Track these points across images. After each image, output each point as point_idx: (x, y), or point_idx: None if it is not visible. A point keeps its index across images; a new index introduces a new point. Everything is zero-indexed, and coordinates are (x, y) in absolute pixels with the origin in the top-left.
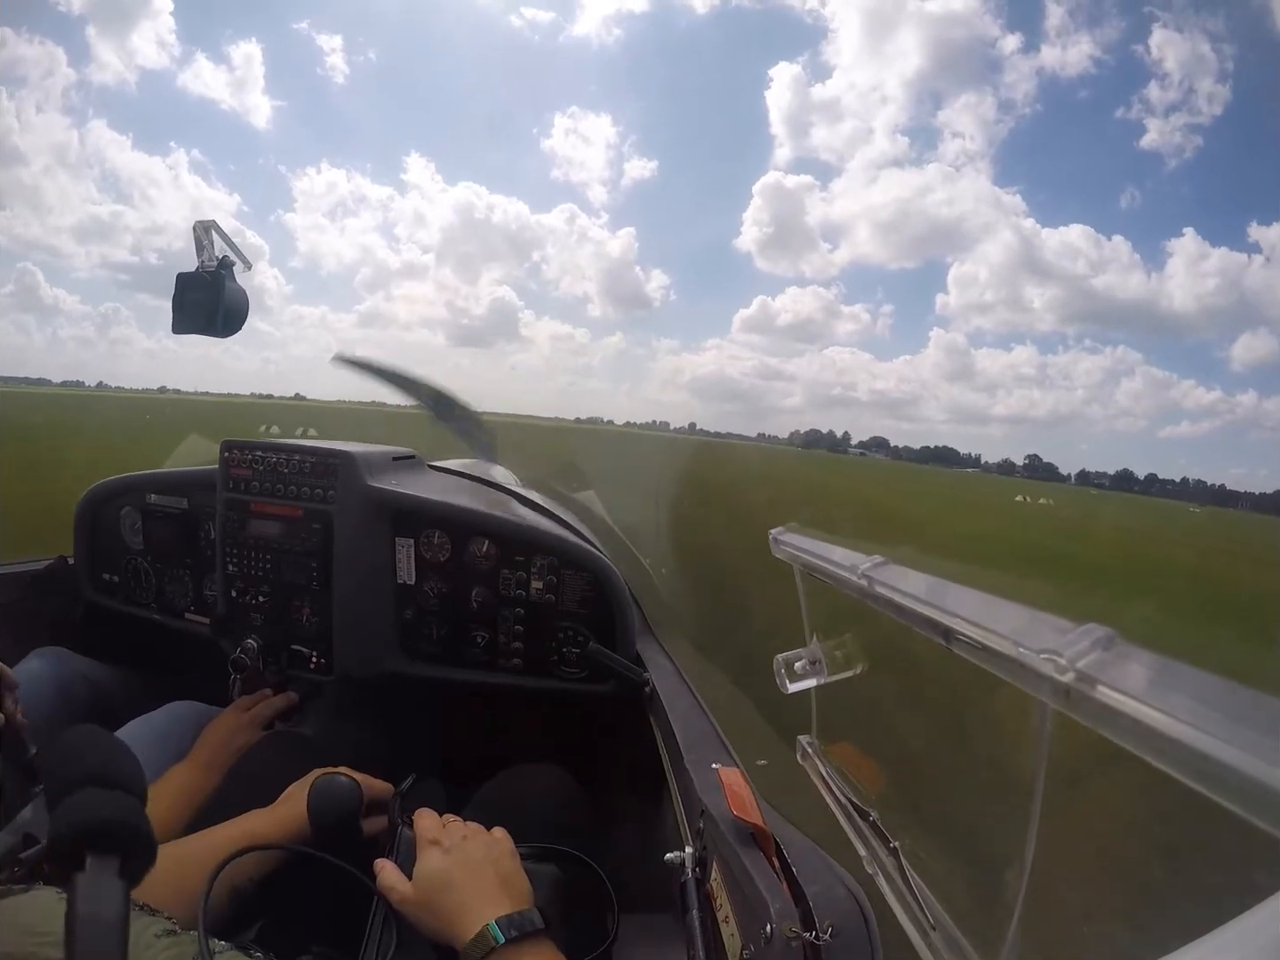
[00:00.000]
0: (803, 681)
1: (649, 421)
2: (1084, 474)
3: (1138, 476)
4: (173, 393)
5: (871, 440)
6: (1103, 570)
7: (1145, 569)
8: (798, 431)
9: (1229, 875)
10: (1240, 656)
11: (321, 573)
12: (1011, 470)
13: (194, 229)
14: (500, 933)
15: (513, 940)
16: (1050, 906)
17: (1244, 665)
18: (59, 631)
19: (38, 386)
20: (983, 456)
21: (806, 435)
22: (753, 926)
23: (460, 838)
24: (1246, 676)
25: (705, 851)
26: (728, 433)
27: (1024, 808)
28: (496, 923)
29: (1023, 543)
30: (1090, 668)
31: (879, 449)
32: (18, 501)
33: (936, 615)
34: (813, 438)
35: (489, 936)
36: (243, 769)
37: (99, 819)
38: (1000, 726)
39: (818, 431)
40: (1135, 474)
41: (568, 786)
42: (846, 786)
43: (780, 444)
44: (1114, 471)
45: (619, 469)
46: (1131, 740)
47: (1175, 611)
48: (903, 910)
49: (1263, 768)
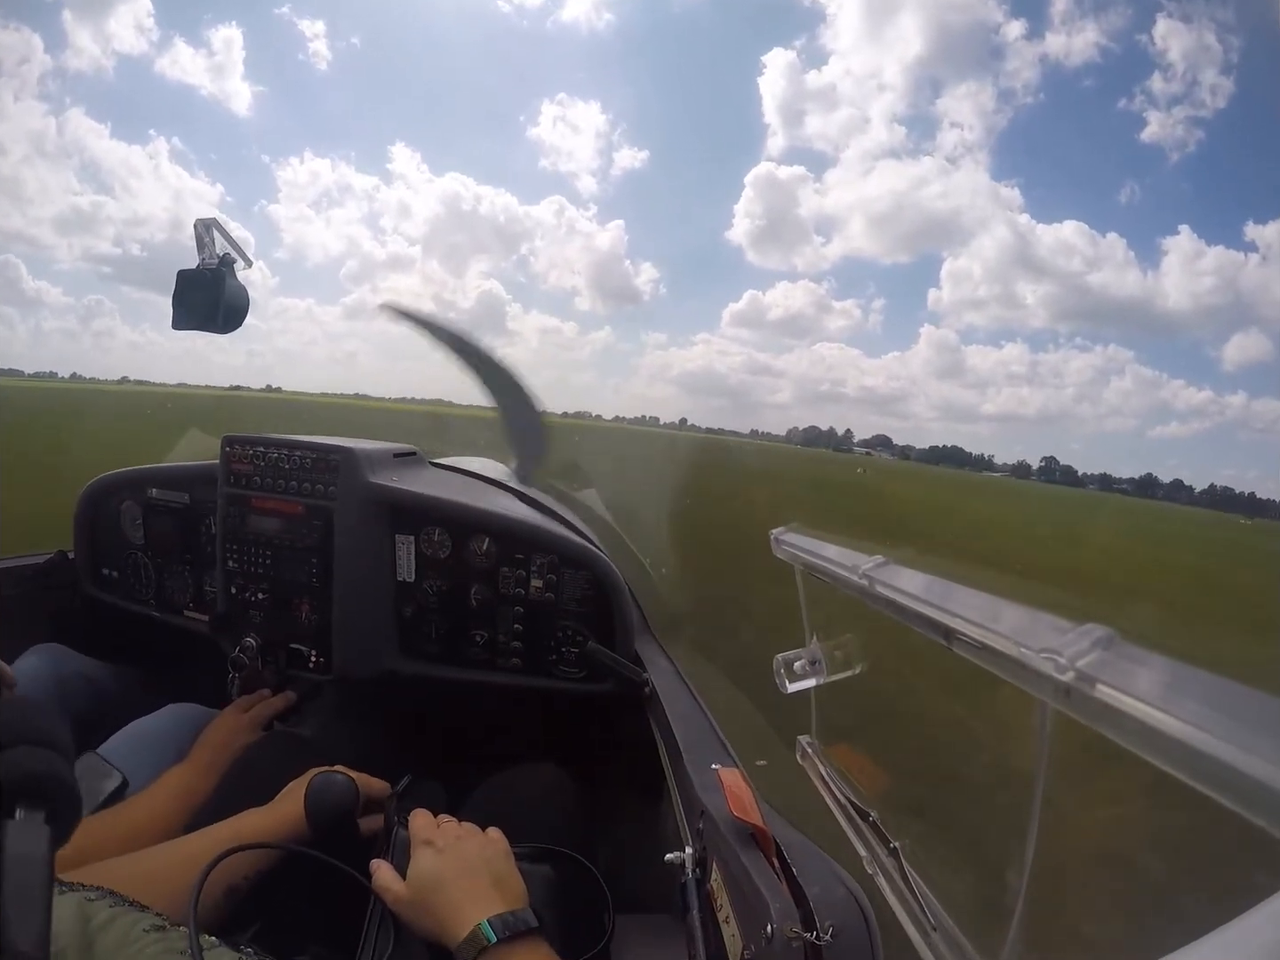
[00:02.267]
0: (802, 681)
1: (638, 417)
2: (1106, 478)
3: (1161, 481)
4: (134, 383)
5: (875, 438)
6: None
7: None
8: (796, 428)
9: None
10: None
11: (321, 569)
12: (1028, 473)
13: (195, 226)
14: (492, 932)
15: (505, 939)
16: (1051, 906)
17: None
18: (57, 626)
19: (9, 378)
20: (995, 457)
21: (806, 432)
22: (753, 927)
23: (454, 838)
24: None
25: (705, 852)
26: (719, 428)
27: (1024, 807)
28: (489, 922)
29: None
30: (1090, 667)
31: (883, 447)
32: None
33: (937, 615)
34: (812, 435)
35: (481, 936)
36: (242, 769)
37: (28, 772)
38: (1000, 726)
39: (817, 429)
40: (1159, 478)
41: (566, 787)
42: (846, 787)
43: (777, 441)
44: (1137, 476)
45: (637, 473)
46: (1132, 740)
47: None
48: (903, 910)
49: (1263, 768)
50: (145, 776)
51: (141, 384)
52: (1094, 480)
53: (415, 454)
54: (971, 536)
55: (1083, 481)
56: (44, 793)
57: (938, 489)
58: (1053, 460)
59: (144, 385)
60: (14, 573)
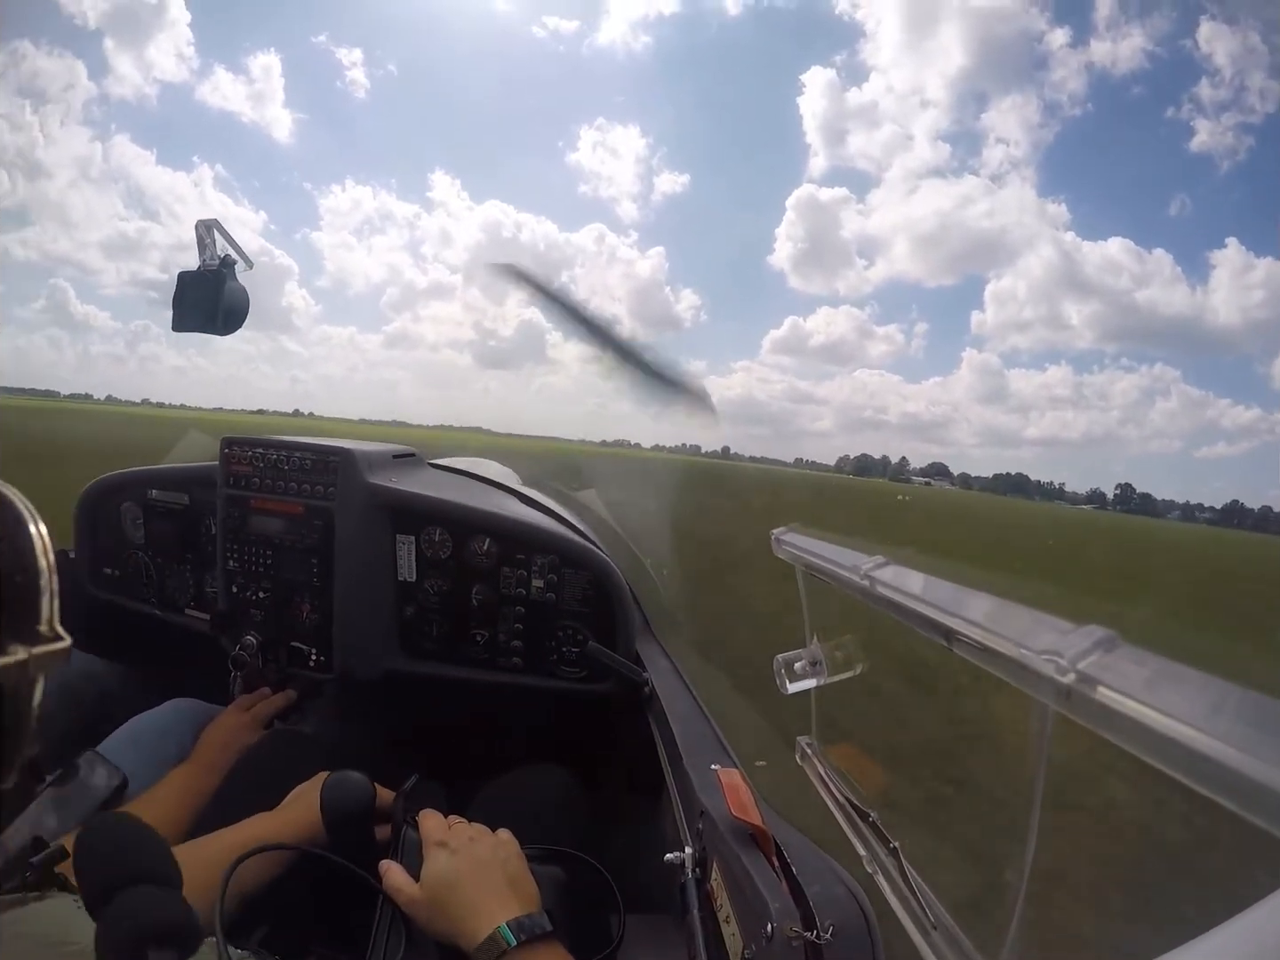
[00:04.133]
0: (802, 682)
1: (679, 445)
2: (1188, 507)
3: (1249, 508)
4: (153, 405)
5: (931, 466)
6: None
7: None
8: (847, 457)
9: (1229, 875)
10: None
11: (322, 569)
12: (1104, 502)
13: (196, 227)
14: (511, 935)
15: (523, 943)
16: (1051, 906)
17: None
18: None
19: (46, 399)
20: (1066, 485)
21: (857, 461)
22: (754, 926)
23: (467, 839)
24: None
25: (705, 852)
26: (762, 457)
27: (1024, 808)
28: (507, 925)
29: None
30: (1091, 669)
31: (941, 476)
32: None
33: (938, 616)
34: (865, 464)
35: (500, 939)
36: (244, 769)
37: (154, 920)
38: (1001, 727)
39: (869, 457)
40: (1245, 505)
41: (568, 788)
42: (846, 787)
43: (826, 470)
44: (1220, 505)
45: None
46: (1132, 742)
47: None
48: (903, 910)
49: (1263, 768)
50: (146, 772)
51: (161, 406)
52: (1175, 509)
53: (414, 455)
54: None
55: (1162, 510)
56: (172, 937)
57: (1018, 531)
58: (1128, 488)
59: (163, 408)
60: None
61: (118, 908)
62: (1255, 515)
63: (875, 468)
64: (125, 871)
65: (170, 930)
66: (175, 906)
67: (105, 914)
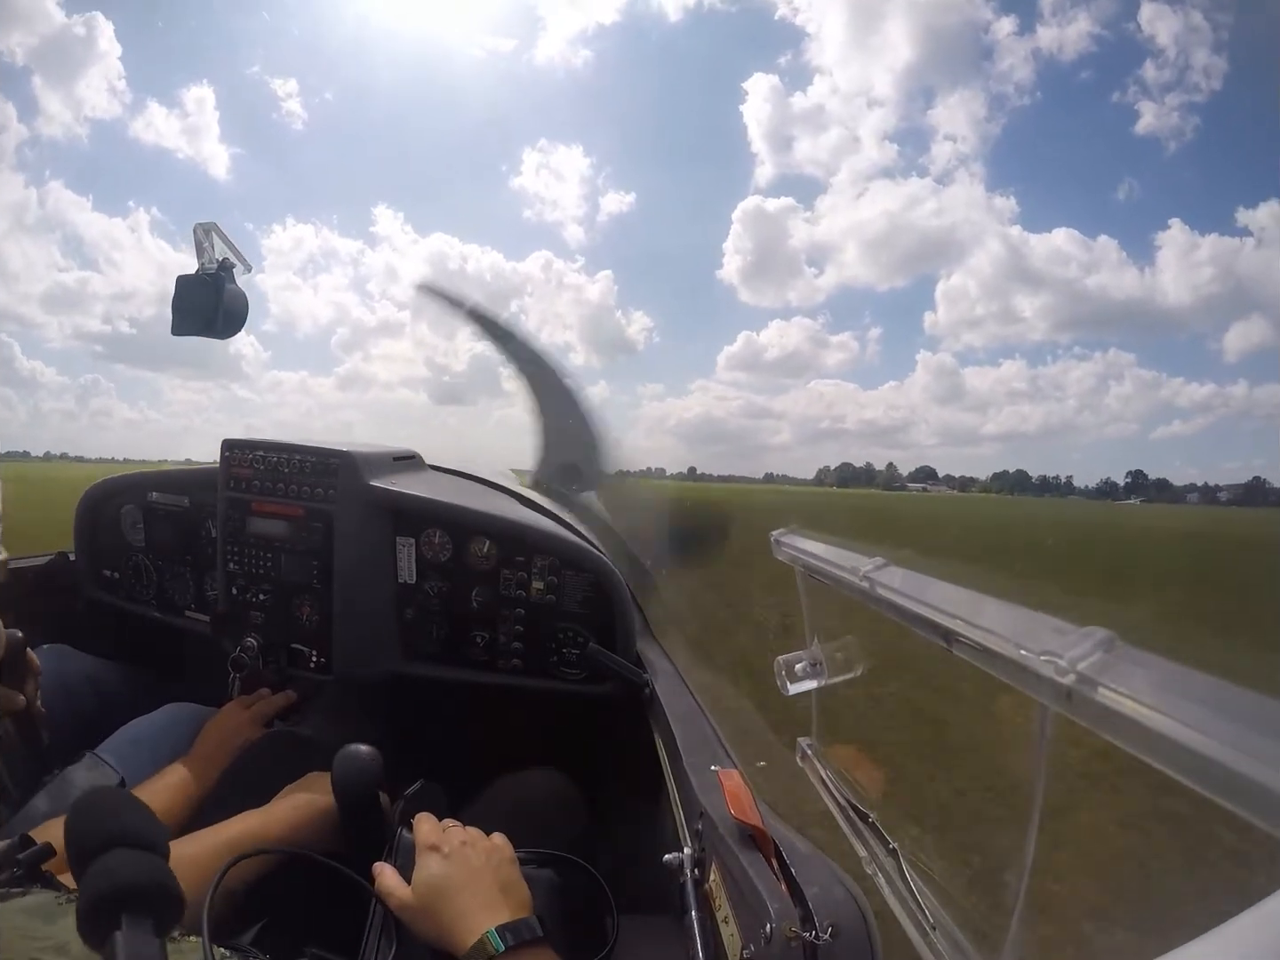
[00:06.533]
0: (803, 683)
1: (645, 469)
2: (1207, 488)
3: (1275, 485)
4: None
5: (918, 470)
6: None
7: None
8: (827, 468)
9: (1229, 875)
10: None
11: (322, 571)
12: (1115, 492)
13: (194, 231)
14: (499, 940)
15: (511, 948)
16: (1050, 906)
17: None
18: (59, 628)
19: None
20: (1074, 478)
21: (839, 471)
22: (752, 927)
23: (459, 844)
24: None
25: (704, 853)
26: (730, 475)
27: (1024, 809)
28: (495, 930)
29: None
30: (1091, 670)
31: (932, 480)
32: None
33: (937, 617)
34: (847, 474)
35: (488, 944)
36: (241, 767)
37: (132, 881)
38: (1000, 728)
39: (850, 466)
40: (1270, 482)
41: (567, 791)
42: (846, 788)
43: (804, 484)
44: (1238, 482)
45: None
46: (1132, 742)
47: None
48: (902, 910)
49: (1263, 769)
50: (142, 776)
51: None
52: (1194, 491)
53: (414, 457)
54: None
55: (1181, 494)
56: (149, 901)
57: (1059, 530)
58: (1139, 474)
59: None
60: (15, 574)
61: (97, 867)
62: (1277, 491)
63: (859, 477)
64: (109, 835)
65: (148, 894)
66: (157, 872)
67: (86, 875)
